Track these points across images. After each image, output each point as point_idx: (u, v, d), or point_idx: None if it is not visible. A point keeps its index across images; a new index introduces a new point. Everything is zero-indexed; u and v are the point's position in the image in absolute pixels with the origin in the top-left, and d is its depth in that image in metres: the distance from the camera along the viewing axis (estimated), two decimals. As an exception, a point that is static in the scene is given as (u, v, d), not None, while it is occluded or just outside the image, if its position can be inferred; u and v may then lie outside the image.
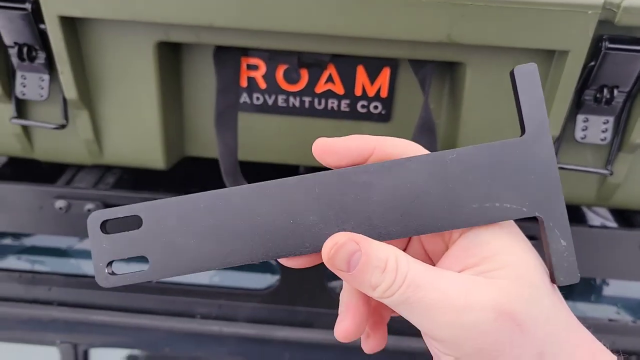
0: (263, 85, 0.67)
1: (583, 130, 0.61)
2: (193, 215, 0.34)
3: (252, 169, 0.72)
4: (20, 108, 0.67)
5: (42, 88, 0.64)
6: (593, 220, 0.90)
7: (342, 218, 0.33)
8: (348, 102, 0.67)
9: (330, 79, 0.66)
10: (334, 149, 0.34)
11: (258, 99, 0.68)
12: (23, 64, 0.63)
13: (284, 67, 0.66)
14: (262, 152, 0.72)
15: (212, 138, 0.68)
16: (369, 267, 0.32)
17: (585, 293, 0.82)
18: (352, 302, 0.36)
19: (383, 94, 0.67)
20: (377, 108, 0.68)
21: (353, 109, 0.68)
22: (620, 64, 0.56)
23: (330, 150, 0.34)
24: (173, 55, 0.65)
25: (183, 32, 0.59)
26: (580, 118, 0.61)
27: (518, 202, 0.33)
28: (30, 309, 0.78)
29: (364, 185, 0.33)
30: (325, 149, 0.34)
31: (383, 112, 0.68)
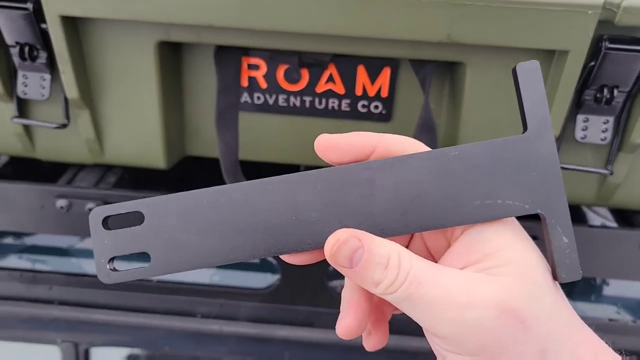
0: (264, 85, 0.68)
1: (583, 130, 0.61)
2: (195, 211, 0.34)
3: (252, 169, 0.72)
4: (22, 107, 0.67)
5: (43, 87, 0.64)
6: (593, 220, 0.90)
7: (344, 214, 0.33)
8: (349, 101, 0.68)
9: (331, 79, 0.66)
10: (337, 146, 0.34)
11: (259, 99, 0.68)
12: (24, 64, 0.63)
13: (285, 66, 0.66)
14: (262, 151, 0.72)
15: (212, 137, 0.68)
16: (372, 263, 0.32)
17: (586, 293, 0.82)
18: (354, 299, 0.36)
19: (383, 94, 0.67)
20: (377, 108, 0.68)
21: (354, 109, 0.68)
22: (620, 64, 0.56)
23: (333, 147, 0.34)
24: (174, 55, 0.65)
25: (184, 31, 0.60)
26: (580, 118, 0.61)
27: (520, 199, 0.33)
28: (31, 308, 0.78)
29: (366, 182, 0.33)
30: (328, 146, 0.34)
31: (383, 111, 0.68)
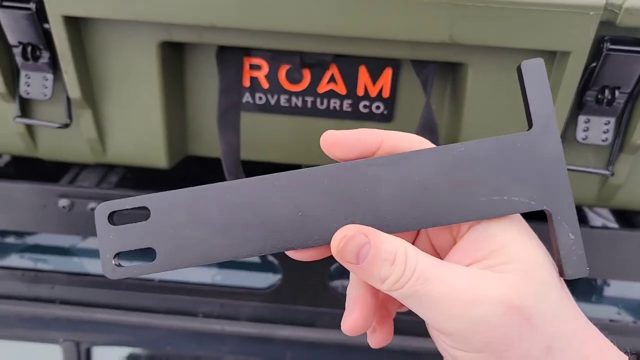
0: (265, 85, 0.68)
1: (584, 131, 0.61)
2: (201, 207, 0.33)
3: (254, 169, 0.72)
4: (24, 107, 0.67)
5: (45, 87, 0.64)
6: (594, 221, 0.90)
7: (350, 210, 0.33)
8: (350, 102, 0.68)
9: (333, 79, 0.66)
10: (342, 142, 0.34)
11: (260, 99, 0.68)
12: (27, 64, 0.63)
13: (287, 67, 0.66)
14: (264, 151, 0.72)
15: (214, 137, 0.68)
16: (378, 259, 0.32)
17: (586, 293, 0.82)
18: (359, 295, 0.36)
19: (385, 94, 0.67)
20: (379, 108, 0.68)
21: (355, 109, 0.68)
22: (622, 65, 0.56)
23: (339, 143, 0.34)
24: (176, 55, 0.66)
25: (186, 32, 0.60)
26: (582, 119, 0.61)
27: (526, 195, 0.33)
28: (33, 307, 0.78)
29: (372, 178, 0.33)
30: (334, 142, 0.34)
31: (385, 112, 0.68)
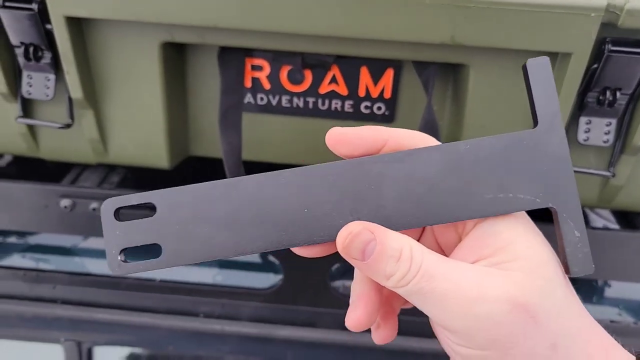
0: (267, 86, 0.68)
1: (586, 132, 0.61)
2: (207, 203, 0.33)
3: (255, 169, 0.72)
4: (26, 107, 0.68)
5: (47, 88, 0.64)
6: (595, 222, 0.90)
7: (356, 207, 0.33)
8: (352, 102, 0.68)
9: (334, 80, 0.67)
10: (348, 139, 0.34)
11: (262, 100, 0.68)
12: (29, 64, 0.63)
13: (288, 67, 0.66)
14: (265, 152, 0.72)
15: (216, 138, 0.69)
16: (384, 256, 0.32)
17: (587, 294, 0.82)
18: (364, 291, 0.36)
19: (386, 95, 0.67)
20: (380, 109, 0.68)
21: (357, 110, 0.68)
22: (623, 67, 0.56)
23: (344, 140, 0.35)
24: (178, 56, 0.66)
25: (187, 32, 0.60)
26: (583, 120, 0.61)
27: (531, 193, 0.33)
28: (35, 307, 0.78)
29: (378, 175, 0.33)
30: (339, 139, 0.35)
31: (386, 113, 0.68)
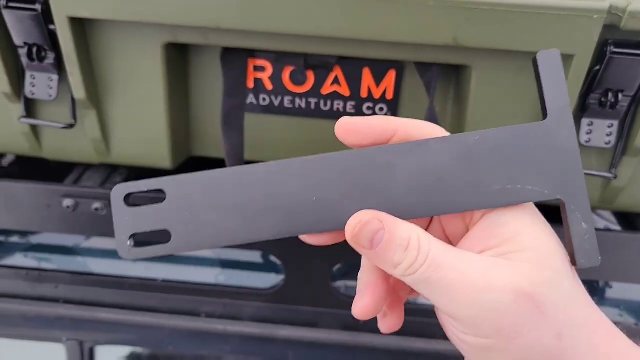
0: (269, 87, 0.68)
1: (588, 134, 0.61)
2: (216, 190, 0.34)
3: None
4: (29, 107, 0.68)
5: (51, 88, 0.64)
6: (597, 223, 0.90)
7: (365, 196, 0.34)
8: (354, 103, 0.68)
9: (336, 81, 0.67)
10: (357, 129, 0.35)
11: (264, 100, 0.69)
12: (32, 64, 0.63)
13: (290, 68, 0.66)
14: (268, 152, 0.72)
15: (218, 138, 0.69)
16: (392, 245, 0.32)
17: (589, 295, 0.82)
18: (371, 280, 0.36)
19: (389, 96, 0.67)
20: (382, 110, 0.68)
21: (359, 111, 0.68)
22: (625, 69, 0.56)
23: (353, 130, 0.35)
24: (180, 57, 0.66)
25: (190, 33, 0.60)
26: (585, 122, 0.61)
27: (540, 184, 0.33)
28: (37, 306, 0.79)
29: (387, 165, 0.34)
30: (349, 129, 0.35)
31: (388, 114, 0.68)
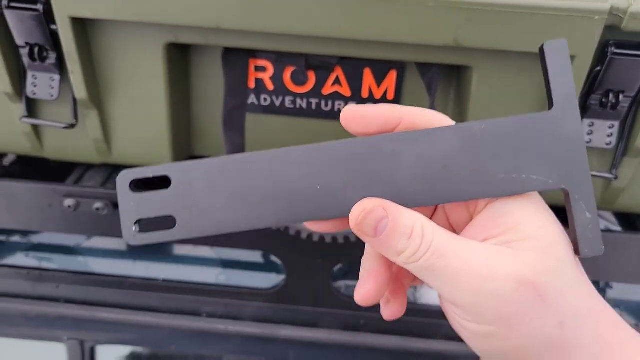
0: (270, 87, 0.68)
1: (588, 135, 0.61)
2: (221, 177, 0.34)
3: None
4: (31, 107, 0.68)
5: (52, 88, 0.65)
6: (597, 224, 0.90)
7: (369, 184, 0.34)
8: (355, 104, 0.68)
9: (337, 81, 0.67)
10: (362, 117, 0.35)
11: (265, 100, 0.69)
12: (34, 64, 0.63)
13: (292, 69, 0.66)
14: (268, 152, 0.72)
15: (219, 138, 0.69)
16: (396, 233, 0.32)
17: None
18: (374, 267, 0.37)
19: (390, 97, 0.67)
20: (383, 110, 0.68)
21: (359, 111, 0.68)
22: (626, 69, 0.56)
23: (359, 118, 0.35)
24: (182, 57, 0.66)
25: (191, 33, 0.60)
26: (586, 122, 0.61)
27: (545, 174, 0.33)
28: (38, 306, 0.79)
29: (392, 153, 0.34)
30: (354, 117, 0.35)
31: (389, 114, 0.68)
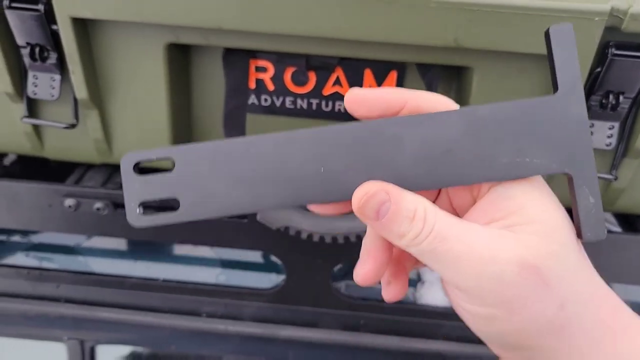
0: (271, 87, 0.68)
1: (588, 136, 0.61)
2: (225, 160, 0.34)
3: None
4: (32, 107, 0.68)
5: (53, 88, 0.65)
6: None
7: (372, 168, 0.34)
8: (355, 104, 0.68)
9: (338, 82, 0.67)
10: (366, 100, 0.35)
11: (266, 101, 0.69)
12: (35, 64, 0.63)
13: (292, 69, 0.66)
14: (269, 153, 0.72)
15: (220, 138, 0.69)
16: (398, 216, 0.32)
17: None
18: (374, 247, 0.37)
19: (390, 97, 0.67)
20: (383, 111, 0.68)
21: (360, 112, 0.68)
22: (626, 71, 0.56)
23: (362, 101, 0.35)
24: (182, 57, 0.66)
25: (192, 34, 0.60)
26: (586, 123, 0.61)
27: (548, 158, 0.33)
28: (38, 306, 0.79)
29: (395, 137, 0.34)
30: (358, 100, 0.35)
31: (389, 114, 0.68)
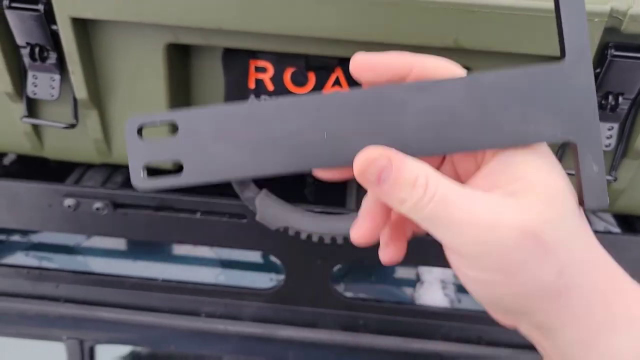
0: (271, 88, 0.68)
1: (588, 136, 0.61)
2: (228, 125, 0.34)
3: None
4: (31, 107, 0.68)
5: (53, 88, 0.65)
6: (597, 225, 0.90)
7: (376, 133, 0.34)
8: (354, 105, 0.68)
9: (338, 82, 0.67)
10: (372, 65, 0.35)
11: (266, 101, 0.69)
12: (34, 64, 0.63)
13: (292, 69, 0.66)
14: (268, 153, 0.72)
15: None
16: (399, 182, 0.32)
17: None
18: (372, 208, 0.37)
19: (389, 98, 0.67)
20: (383, 111, 0.68)
21: (359, 112, 0.68)
22: (626, 72, 0.56)
23: (368, 66, 0.35)
24: (182, 57, 0.66)
25: (192, 34, 0.60)
26: (586, 124, 0.61)
27: (553, 125, 0.33)
28: (38, 305, 0.79)
29: (400, 103, 0.33)
30: (363, 64, 0.35)
31: (389, 115, 0.68)
